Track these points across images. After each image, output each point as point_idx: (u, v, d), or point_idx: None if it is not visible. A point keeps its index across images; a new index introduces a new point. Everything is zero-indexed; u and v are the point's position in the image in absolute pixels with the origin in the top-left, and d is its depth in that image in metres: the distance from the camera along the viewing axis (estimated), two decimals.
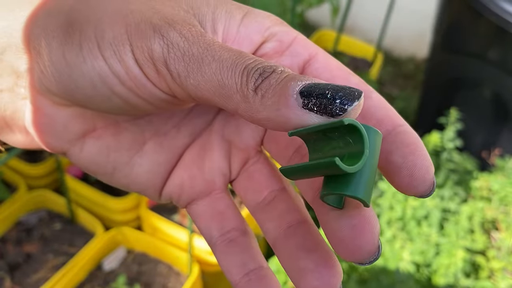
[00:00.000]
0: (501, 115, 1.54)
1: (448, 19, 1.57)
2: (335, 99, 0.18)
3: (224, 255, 0.24)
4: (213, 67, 0.19)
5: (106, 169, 0.24)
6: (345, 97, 0.18)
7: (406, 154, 0.20)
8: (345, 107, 0.18)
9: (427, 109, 1.85)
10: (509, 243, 1.20)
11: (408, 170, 0.19)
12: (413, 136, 0.21)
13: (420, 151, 0.20)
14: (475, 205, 1.28)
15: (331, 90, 0.18)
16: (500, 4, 1.35)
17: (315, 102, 0.18)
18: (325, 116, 0.18)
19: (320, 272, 0.20)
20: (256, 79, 0.19)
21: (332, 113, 0.18)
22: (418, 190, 0.19)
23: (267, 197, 0.24)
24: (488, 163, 1.43)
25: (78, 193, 1.21)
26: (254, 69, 0.19)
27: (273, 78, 0.19)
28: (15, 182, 1.22)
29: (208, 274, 1.21)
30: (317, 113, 0.18)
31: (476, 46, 1.50)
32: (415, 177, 0.19)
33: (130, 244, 1.19)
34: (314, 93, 0.18)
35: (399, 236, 1.25)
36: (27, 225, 1.20)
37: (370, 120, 0.21)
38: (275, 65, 0.19)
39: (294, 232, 0.22)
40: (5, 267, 1.11)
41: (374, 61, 1.71)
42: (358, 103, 0.18)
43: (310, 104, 0.18)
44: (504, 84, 1.47)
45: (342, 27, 1.34)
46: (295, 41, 0.24)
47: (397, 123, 0.21)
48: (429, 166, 0.20)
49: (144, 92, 0.20)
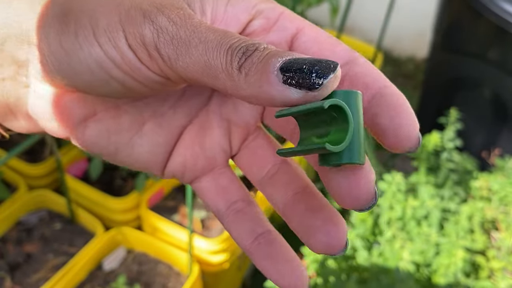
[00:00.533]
0: (501, 115, 1.54)
1: (448, 19, 1.57)
2: (312, 73, 0.18)
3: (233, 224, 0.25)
4: (199, 49, 0.20)
5: (108, 150, 0.25)
6: (321, 71, 0.18)
7: (391, 116, 0.21)
8: (321, 81, 0.18)
9: (427, 109, 1.86)
10: (509, 243, 1.20)
11: (394, 131, 0.21)
12: (398, 97, 0.22)
13: (405, 111, 0.21)
14: (475, 205, 1.28)
15: (307, 64, 0.19)
16: (500, 4, 1.35)
17: (293, 76, 0.19)
18: (303, 90, 0.19)
19: (327, 229, 0.22)
20: (240, 58, 0.19)
21: (309, 86, 0.19)
22: (404, 148, 0.21)
23: (270, 170, 0.26)
24: (488, 163, 1.43)
25: (78, 193, 1.22)
26: (238, 48, 0.19)
27: (255, 56, 0.19)
28: (15, 182, 1.22)
29: (208, 274, 1.21)
30: (296, 87, 0.19)
31: (476, 46, 1.50)
32: (401, 137, 0.21)
33: (130, 244, 1.19)
34: (292, 68, 0.19)
35: (399, 236, 1.26)
36: (27, 225, 1.20)
37: (357, 84, 0.22)
38: (258, 43, 0.20)
39: (301, 197, 0.24)
40: (5, 267, 1.11)
41: (374, 61, 1.71)
42: (334, 75, 0.19)
43: (289, 79, 0.19)
44: (504, 84, 1.47)
45: (342, 27, 1.34)
46: (282, 16, 0.24)
47: (383, 84, 0.22)
48: (413, 124, 0.21)
49: (139, 75, 0.21)
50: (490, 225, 1.30)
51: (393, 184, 1.27)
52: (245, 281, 1.44)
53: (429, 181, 1.34)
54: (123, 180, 1.29)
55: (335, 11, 1.26)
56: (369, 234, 1.29)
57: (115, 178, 1.29)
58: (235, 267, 1.32)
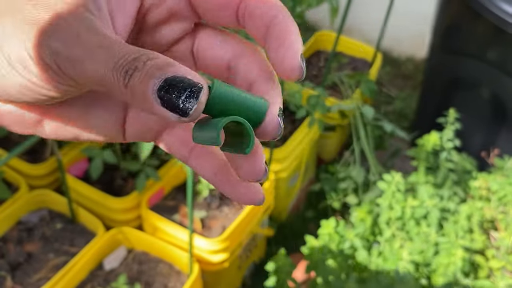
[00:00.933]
0: (500, 115, 1.54)
1: (447, 20, 1.58)
2: (179, 103, 0.20)
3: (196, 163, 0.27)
4: (91, 67, 0.21)
5: (73, 136, 0.27)
6: (186, 100, 0.20)
7: (276, 47, 0.23)
8: (191, 108, 0.20)
9: (426, 109, 1.86)
10: (508, 243, 1.21)
11: (279, 64, 0.23)
12: (284, 26, 0.23)
13: (289, 41, 0.23)
14: (474, 205, 1.29)
15: (179, 90, 0.20)
16: (498, 5, 1.35)
17: (168, 101, 0.20)
18: (177, 114, 0.20)
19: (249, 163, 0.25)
20: (124, 77, 0.21)
21: (181, 113, 0.20)
22: (291, 78, 0.23)
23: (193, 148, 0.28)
24: (487, 163, 1.43)
25: (79, 192, 1.22)
26: (121, 68, 0.21)
27: (136, 77, 0.21)
28: (16, 182, 1.23)
29: (208, 274, 1.22)
30: (171, 112, 0.20)
31: (475, 46, 1.51)
32: (286, 69, 0.23)
33: (130, 243, 1.20)
34: (167, 93, 0.20)
35: (399, 236, 1.26)
36: (28, 224, 1.20)
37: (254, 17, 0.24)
38: (139, 58, 0.21)
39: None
40: (6, 266, 1.11)
41: (374, 61, 1.72)
42: (198, 102, 0.20)
43: (165, 103, 0.20)
44: (502, 84, 1.48)
45: (341, 28, 1.34)
46: None
47: (274, 14, 0.23)
48: (294, 56, 0.23)
49: (59, 87, 0.23)
50: (489, 225, 1.30)
51: (392, 184, 1.27)
52: (245, 280, 1.45)
53: (428, 181, 1.34)
54: (123, 180, 1.29)
55: (335, 11, 1.26)
56: (368, 233, 1.29)
57: (116, 178, 1.29)
58: (235, 267, 1.33)
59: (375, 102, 2.12)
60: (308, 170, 1.63)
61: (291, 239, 1.60)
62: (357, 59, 1.78)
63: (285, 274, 1.20)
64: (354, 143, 1.52)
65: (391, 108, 2.14)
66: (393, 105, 2.15)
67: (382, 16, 1.59)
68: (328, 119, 1.57)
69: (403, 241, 1.25)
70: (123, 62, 0.21)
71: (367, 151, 1.50)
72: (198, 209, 1.25)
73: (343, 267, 1.22)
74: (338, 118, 1.56)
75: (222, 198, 1.28)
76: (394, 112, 2.12)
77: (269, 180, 1.29)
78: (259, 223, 1.31)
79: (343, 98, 1.58)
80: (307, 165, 1.58)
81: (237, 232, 1.19)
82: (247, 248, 1.35)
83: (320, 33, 1.78)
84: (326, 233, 1.25)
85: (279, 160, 1.35)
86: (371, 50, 1.73)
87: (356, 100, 1.53)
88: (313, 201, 1.70)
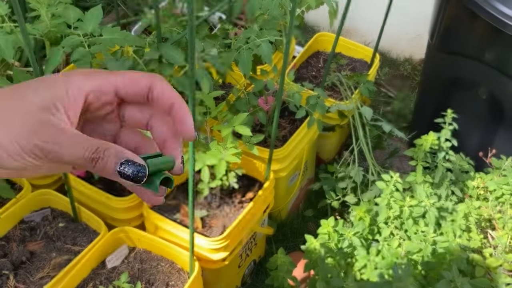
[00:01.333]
0: (497, 115, 1.55)
1: (445, 21, 1.59)
2: (132, 175, 0.34)
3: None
4: (68, 158, 0.34)
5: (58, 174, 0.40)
6: (136, 173, 0.34)
7: (178, 123, 0.37)
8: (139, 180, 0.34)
9: (424, 109, 1.87)
10: (506, 242, 1.22)
11: (182, 132, 0.37)
12: (180, 108, 0.37)
13: (185, 119, 0.37)
14: (471, 204, 1.30)
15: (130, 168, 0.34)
16: (495, 5, 1.37)
17: (125, 175, 0.34)
18: (131, 182, 0.34)
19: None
20: (91, 163, 0.33)
21: (134, 181, 0.34)
22: (189, 140, 0.38)
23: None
24: (484, 163, 1.45)
25: (81, 192, 1.23)
26: (89, 158, 0.33)
27: (100, 164, 0.33)
28: (19, 182, 1.24)
29: (208, 272, 1.23)
30: (127, 180, 0.34)
31: (472, 47, 1.52)
32: (185, 136, 0.37)
33: (132, 242, 1.21)
34: (124, 170, 0.34)
35: (397, 235, 1.27)
36: (31, 223, 1.22)
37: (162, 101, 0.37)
38: (98, 151, 0.33)
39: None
40: (9, 265, 1.12)
41: (372, 62, 1.73)
42: (144, 173, 0.34)
43: (124, 177, 0.34)
44: (500, 85, 1.49)
45: (340, 29, 1.36)
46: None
47: (172, 102, 0.37)
48: (190, 129, 0.37)
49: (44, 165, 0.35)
50: (486, 224, 1.31)
51: (391, 184, 1.28)
52: (245, 278, 1.46)
53: (426, 180, 1.36)
54: None
55: (334, 13, 1.28)
56: (367, 233, 1.31)
57: None
58: (235, 265, 1.34)
59: (374, 103, 2.13)
60: (308, 170, 1.64)
61: (291, 238, 1.61)
62: (356, 60, 1.80)
63: (284, 272, 1.21)
64: (353, 143, 1.53)
65: (389, 108, 2.15)
66: (391, 106, 2.16)
67: (380, 17, 1.61)
68: (327, 119, 1.58)
69: (401, 240, 1.27)
70: (88, 154, 0.33)
71: (366, 151, 1.51)
72: (199, 208, 1.26)
73: (342, 265, 1.23)
74: (337, 118, 1.58)
75: (223, 197, 1.29)
76: (392, 112, 2.13)
77: (269, 180, 1.30)
78: (259, 222, 1.32)
79: (342, 98, 1.60)
80: (307, 164, 1.59)
81: (237, 231, 1.20)
82: (247, 247, 1.36)
83: (319, 34, 1.79)
84: (325, 232, 1.26)
85: (279, 159, 1.36)
86: (370, 51, 1.74)
87: (355, 101, 1.54)
88: (313, 200, 1.71)
